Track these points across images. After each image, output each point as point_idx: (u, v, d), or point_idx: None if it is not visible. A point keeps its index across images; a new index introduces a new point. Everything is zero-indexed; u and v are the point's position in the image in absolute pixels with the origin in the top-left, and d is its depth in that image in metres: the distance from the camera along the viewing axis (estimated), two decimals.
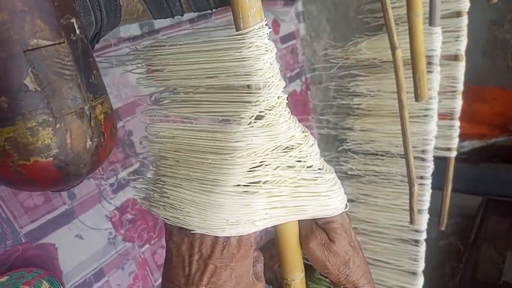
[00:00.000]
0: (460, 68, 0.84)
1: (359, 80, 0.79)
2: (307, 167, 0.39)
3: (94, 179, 1.00)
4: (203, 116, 0.39)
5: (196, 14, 1.12)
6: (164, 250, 0.43)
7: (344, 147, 0.84)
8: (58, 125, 0.31)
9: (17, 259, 0.86)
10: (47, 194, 0.91)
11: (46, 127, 0.31)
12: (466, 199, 2.04)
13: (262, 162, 0.36)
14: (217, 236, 0.38)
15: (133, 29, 1.05)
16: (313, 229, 0.45)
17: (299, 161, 0.38)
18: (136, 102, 1.08)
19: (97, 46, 0.96)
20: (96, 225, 1.01)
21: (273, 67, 0.35)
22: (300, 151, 0.38)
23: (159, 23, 1.10)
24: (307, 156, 0.39)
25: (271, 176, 0.37)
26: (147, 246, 1.11)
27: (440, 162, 0.84)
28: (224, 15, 1.22)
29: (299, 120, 0.39)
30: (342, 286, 0.46)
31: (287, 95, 0.38)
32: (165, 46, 0.39)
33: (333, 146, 1.74)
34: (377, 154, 0.82)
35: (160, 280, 1.20)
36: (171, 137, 0.41)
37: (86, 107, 0.33)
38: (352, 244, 0.46)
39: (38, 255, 0.90)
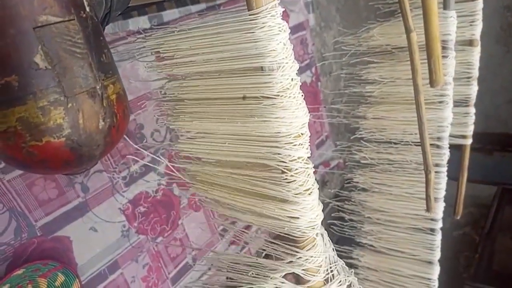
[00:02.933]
0: (475, 54, 0.82)
1: (372, 67, 0.77)
2: None
3: (106, 172, 1.00)
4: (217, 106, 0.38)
5: (204, 5, 1.11)
6: (177, 243, 0.43)
7: (357, 135, 0.83)
8: (70, 105, 0.31)
9: (32, 252, 0.87)
10: (61, 187, 0.92)
11: (58, 106, 0.30)
12: (479, 189, 2.01)
13: None
14: None
15: (142, 21, 1.05)
16: None
17: None
18: (146, 95, 1.08)
19: (106, 39, 0.96)
20: (109, 218, 1.01)
21: (287, 48, 0.34)
22: None
23: (168, 15, 1.09)
24: None
25: None
26: (160, 238, 1.12)
27: (454, 151, 0.83)
28: (233, 6, 1.22)
29: (310, 111, 0.38)
30: None
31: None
32: (174, 32, 0.38)
33: (344, 137, 1.72)
34: (390, 142, 0.80)
35: (174, 272, 1.21)
36: None
37: (98, 87, 0.32)
38: None
39: (53, 247, 0.91)
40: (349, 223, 0.88)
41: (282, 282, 0.37)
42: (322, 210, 0.42)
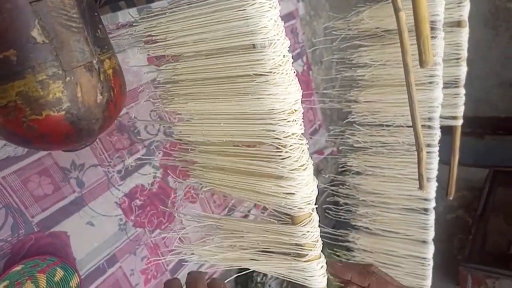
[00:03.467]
0: (464, 35, 0.83)
1: (362, 50, 0.78)
2: None
3: (101, 166, 1.01)
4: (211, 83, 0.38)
5: None
6: (175, 235, 0.44)
7: (349, 120, 0.84)
8: (68, 78, 0.31)
9: (30, 248, 0.87)
10: (56, 182, 0.92)
11: (56, 80, 0.31)
12: (471, 173, 2.04)
13: None
14: None
15: (132, 13, 1.04)
16: None
17: None
18: (138, 88, 1.08)
19: None
20: (106, 212, 1.02)
21: (278, 25, 0.34)
22: None
23: (157, 6, 1.09)
24: None
25: None
26: (158, 231, 1.12)
27: (445, 136, 0.84)
28: None
29: (302, 98, 0.39)
30: None
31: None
32: (166, 13, 0.39)
33: (337, 125, 1.73)
34: (383, 125, 0.81)
35: (172, 264, 1.22)
36: None
37: (95, 61, 0.33)
38: None
39: (51, 243, 0.91)
40: (344, 207, 0.89)
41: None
42: (318, 196, 0.43)
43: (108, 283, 1.01)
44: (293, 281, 0.41)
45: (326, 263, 0.44)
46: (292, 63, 0.39)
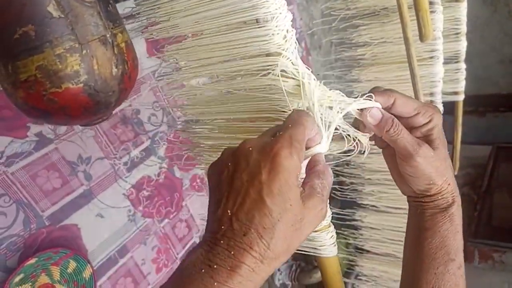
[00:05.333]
0: (462, 9, 0.83)
1: (362, 29, 0.78)
2: None
3: (107, 159, 1.01)
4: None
5: None
6: (183, 224, 0.44)
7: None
8: (84, 51, 0.32)
9: (43, 241, 0.89)
10: (64, 176, 0.93)
11: (73, 53, 0.32)
12: (474, 150, 2.05)
13: None
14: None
15: (130, 4, 1.04)
16: (418, 142, 0.42)
17: None
18: (140, 80, 1.08)
19: None
20: (115, 204, 1.03)
21: None
22: None
23: None
24: None
25: None
26: (166, 220, 1.14)
27: (448, 116, 0.84)
28: None
29: None
30: (439, 197, 0.44)
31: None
32: None
33: None
34: None
35: (183, 252, 1.23)
36: None
37: (108, 35, 0.34)
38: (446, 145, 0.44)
39: (62, 236, 0.92)
40: (350, 186, 0.90)
41: None
42: None
43: (121, 273, 1.02)
44: (304, 253, 0.42)
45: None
46: None
